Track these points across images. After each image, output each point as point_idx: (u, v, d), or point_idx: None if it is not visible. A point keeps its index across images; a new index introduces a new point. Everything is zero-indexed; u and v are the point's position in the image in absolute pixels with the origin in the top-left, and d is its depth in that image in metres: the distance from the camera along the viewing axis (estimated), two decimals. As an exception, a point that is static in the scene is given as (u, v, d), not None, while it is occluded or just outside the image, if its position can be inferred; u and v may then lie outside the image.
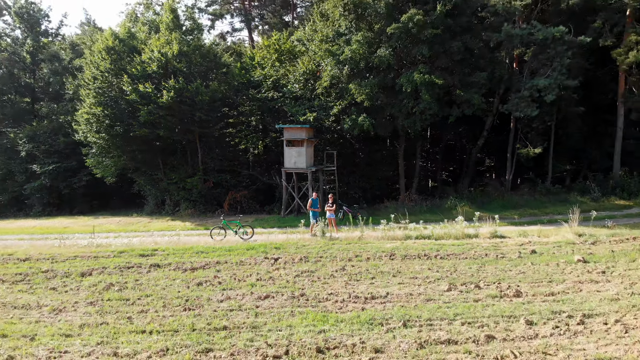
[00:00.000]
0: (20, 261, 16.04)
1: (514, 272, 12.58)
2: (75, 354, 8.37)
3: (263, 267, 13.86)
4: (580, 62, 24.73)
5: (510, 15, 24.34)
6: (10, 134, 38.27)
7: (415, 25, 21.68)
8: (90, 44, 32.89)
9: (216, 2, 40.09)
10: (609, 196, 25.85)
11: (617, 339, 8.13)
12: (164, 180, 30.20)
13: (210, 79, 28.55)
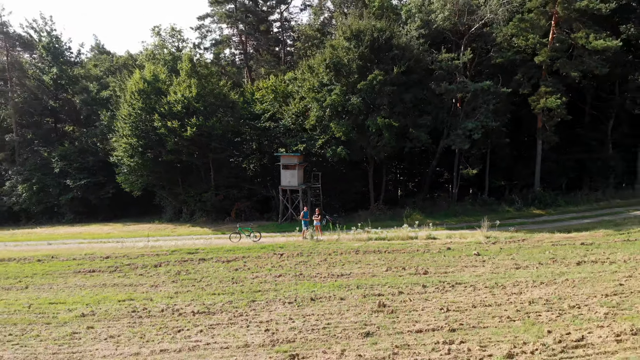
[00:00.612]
0: (104, 259, 23.41)
1: (429, 261, 20.45)
2: (181, 305, 15.93)
3: (274, 260, 21.52)
4: (507, 105, 32.85)
5: (452, 70, 32.32)
6: (44, 152, 45.19)
7: (378, 83, 29.51)
8: (120, 83, 40.02)
9: (220, 42, 47.40)
10: (529, 207, 34.00)
11: (467, 295, 15.93)
12: (182, 194, 37.56)
13: (220, 113, 35.93)
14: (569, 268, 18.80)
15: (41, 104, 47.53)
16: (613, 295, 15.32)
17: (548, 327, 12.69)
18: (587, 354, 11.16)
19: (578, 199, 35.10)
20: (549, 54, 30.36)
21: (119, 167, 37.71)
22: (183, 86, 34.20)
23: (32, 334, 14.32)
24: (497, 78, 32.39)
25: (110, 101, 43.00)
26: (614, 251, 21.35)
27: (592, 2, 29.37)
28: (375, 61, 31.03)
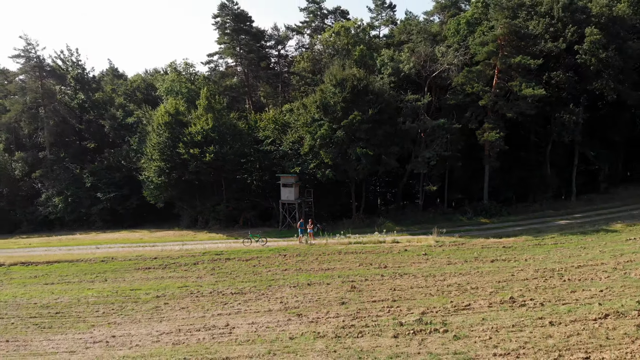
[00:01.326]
0: (153, 259, 31.59)
1: (390, 259, 28.95)
2: (222, 289, 24.21)
3: (280, 259, 29.89)
4: (459, 136, 41.45)
5: (416, 109, 40.89)
6: (76, 169, 53.06)
7: (357, 121, 37.98)
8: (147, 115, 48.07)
9: (227, 75, 55.53)
10: (478, 217, 42.66)
11: (409, 281, 24.39)
12: (198, 205, 45.74)
13: (231, 140, 44.06)
14: (484, 264, 27.42)
15: (71, 127, 55.34)
16: (503, 281, 23.89)
17: (452, 299, 21.20)
18: (468, 313, 19.66)
19: (519, 210, 43.91)
20: (491, 98, 39.05)
21: (145, 184, 45.71)
22: (202, 120, 42.39)
23: (128, 308, 22.59)
24: (452, 115, 41.04)
25: (134, 126, 51.03)
26: (523, 252, 30.04)
27: (524, 59, 38.09)
28: (355, 103, 39.47)
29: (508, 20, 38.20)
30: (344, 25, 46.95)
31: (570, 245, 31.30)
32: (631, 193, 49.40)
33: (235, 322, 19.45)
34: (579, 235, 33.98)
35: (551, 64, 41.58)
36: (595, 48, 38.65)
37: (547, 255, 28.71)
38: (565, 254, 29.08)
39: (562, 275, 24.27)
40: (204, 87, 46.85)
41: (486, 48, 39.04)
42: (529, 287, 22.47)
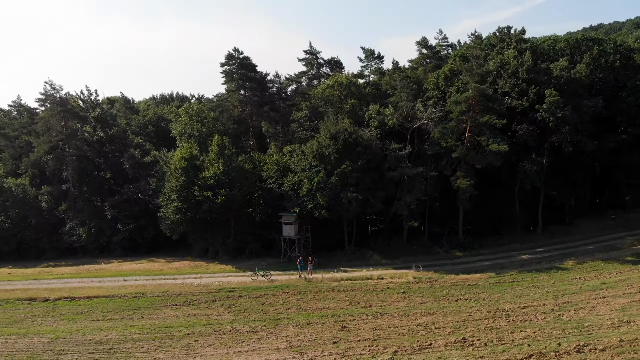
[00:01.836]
0: (177, 295, 37.81)
1: (374, 297, 35.29)
2: (238, 327, 30.53)
3: (283, 296, 36.20)
4: (436, 181, 47.83)
5: (399, 158, 47.25)
6: (97, 202, 59.13)
7: (348, 170, 44.33)
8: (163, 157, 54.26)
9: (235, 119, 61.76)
10: (454, 249, 49.10)
11: (387, 320, 30.73)
12: (209, 238, 51.96)
13: (239, 182, 50.22)
14: (450, 303, 33.85)
15: (92, 162, 61.38)
16: (461, 321, 30.29)
17: (418, 338, 27.59)
18: (428, 352, 26.02)
19: (490, 243, 50.39)
20: (463, 151, 45.50)
21: (162, 219, 51.82)
22: (214, 166, 48.65)
23: (166, 345, 28.84)
24: (430, 162, 47.51)
25: (151, 165, 57.20)
26: (484, 290, 36.47)
27: (490, 118, 44.56)
28: (347, 153, 45.83)
29: (477, 85, 44.64)
30: (337, 80, 53.34)
31: (524, 284, 37.78)
32: (592, 225, 56.00)
33: (252, 359, 25.76)
34: (533, 273, 40.48)
35: (517, 117, 48.07)
36: (553, 108, 45.18)
37: (502, 295, 35.17)
38: (517, 293, 35.54)
39: (508, 316, 30.72)
40: (214, 134, 53.05)
41: (459, 108, 45.50)
42: (480, 327, 28.88)
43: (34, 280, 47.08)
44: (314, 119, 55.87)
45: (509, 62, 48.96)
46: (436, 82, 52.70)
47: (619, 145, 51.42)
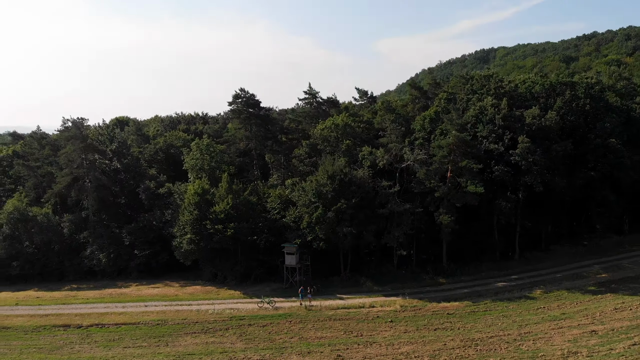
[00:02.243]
0: (194, 323, 43.48)
1: (365, 327, 41.05)
2: (249, 355, 36.26)
3: (287, 325, 41.96)
4: (422, 216, 53.56)
5: (389, 195, 52.99)
6: (115, 229, 64.78)
7: (343, 207, 50.09)
8: (177, 190, 59.97)
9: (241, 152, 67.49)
10: (439, 276, 54.84)
11: (376, 349, 36.45)
12: (219, 264, 57.67)
13: (245, 215, 55.92)
14: (429, 332, 39.59)
15: (110, 191, 67.05)
16: (437, 350, 36.06)
17: (400, 366, 33.33)
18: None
19: (471, 270, 56.08)
20: (444, 191, 51.31)
21: (176, 248, 57.46)
22: (224, 202, 54.41)
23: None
24: (416, 198, 53.32)
25: (166, 196, 62.89)
26: (460, 319, 42.21)
27: (469, 163, 50.37)
28: (342, 192, 51.60)
29: (457, 133, 50.44)
30: (334, 122, 59.13)
31: (495, 313, 43.57)
32: (566, 251, 61.82)
33: (263, 386, 31.52)
34: (505, 302, 46.24)
35: (495, 159, 53.86)
36: (525, 153, 51.01)
37: (475, 324, 40.95)
38: (488, 322, 41.33)
39: (477, 345, 36.53)
40: (224, 170, 58.80)
41: (441, 152, 51.33)
42: (452, 357, 34.69)
43: (62, 305, 52.73)
44: (313, 154, 61.60)
45: (487, 109, 54.76)
46: (422, 124, 58.51)
47: (588, 182, 57.20)
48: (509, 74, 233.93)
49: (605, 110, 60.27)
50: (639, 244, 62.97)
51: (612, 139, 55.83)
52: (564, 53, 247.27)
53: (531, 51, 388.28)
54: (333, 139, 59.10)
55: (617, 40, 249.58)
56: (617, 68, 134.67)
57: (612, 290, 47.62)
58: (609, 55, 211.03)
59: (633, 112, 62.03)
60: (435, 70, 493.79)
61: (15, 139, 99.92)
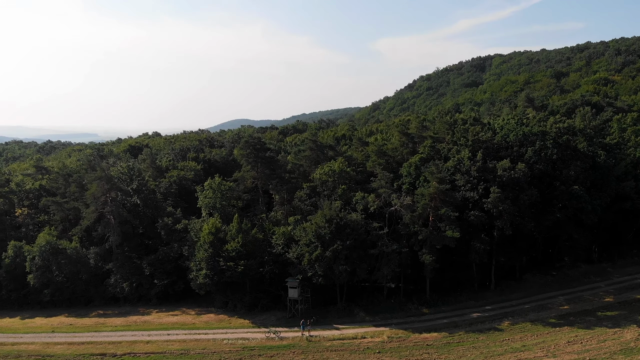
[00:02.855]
0: (212, 353, 51.32)
1: (356, 358, 48.89)
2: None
3: (291, 355, 49.82)
4: (408, 254, 61.42)
5: (379, 236, 60.85)
6: (137, 259, 72.67)
7: (338, 249, 57.99)
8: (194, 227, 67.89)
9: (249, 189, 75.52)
10: (422, 306, 62.70)
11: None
12: (229, 295, 65.54)
13: (253, 251, 63.74)
14: (410, 363, 47.45)
15: (131, 226, 74.90)
16: (415, 379, 43.90)
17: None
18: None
19: (451, 300, 63.96)
20: (426, 234, 59.20)
21: (192, 280, 65.32)
22: (235, 241, 62.32)
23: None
24: (403, 239, 61.19)
25: (182, 232, 70.76)
26: (437, 351, 50.05)
27: (447, 211, 58.26)
28: (338, 234, 59.50)
29: (437, 185, 58.37)
30: (331, 168, 67.06)
31: (467, 344, 51.43)
32: (537, 281, 69.66)
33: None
34: (476, 333, 54.10)
35: (470, 205, 61.78)
36: (496, 201, 58.90)
37: (448, 356, 48.83)
38: (460, 353, 49.19)
39: (447, 376, 44.36)
40: (233, 207, 66.68)
41: (423, 200, 59.26)
42: (425, 386, 42.53)
43: (95, 333, 60.66)
44: (313, 195, 69.51)
45: (464, 162, 62.70)
46: (409, 170, 66.44)
47: (555, 223, 65.08)
48: (501, 88, 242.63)
49: (572, 157, 68.16)
50: (603, 275, 71.02)
51: (575, 186, 63.75)
52: (556, 68, 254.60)
53: (526, 60, 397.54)
54: (330, 183, 67.03)
55: (608, 55, 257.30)
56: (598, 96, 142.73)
57: (569, 323, 55.45)
58: (598, 73, 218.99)
59: (598, 158, 69.72)
60: (432, 77, 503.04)
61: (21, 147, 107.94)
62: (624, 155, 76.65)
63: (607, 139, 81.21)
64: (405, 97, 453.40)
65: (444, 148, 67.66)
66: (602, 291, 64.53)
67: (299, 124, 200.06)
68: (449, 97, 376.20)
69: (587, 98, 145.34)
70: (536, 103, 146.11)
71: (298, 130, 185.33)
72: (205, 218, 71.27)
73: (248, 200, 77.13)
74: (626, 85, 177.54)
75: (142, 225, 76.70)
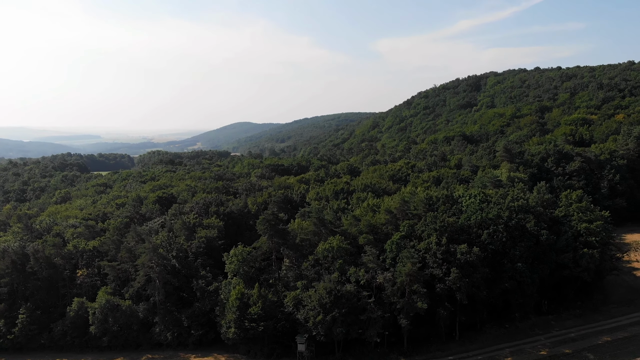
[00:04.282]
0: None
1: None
2: None
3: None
4: (391, 318, 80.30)
5: (366, 305, 79.69)
6: (176, 313, 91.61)
7: (336, 316, 76.89)
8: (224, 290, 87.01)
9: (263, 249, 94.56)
10: (401, 357, 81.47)
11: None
12: (252, 345, 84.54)
13: (271, 311, 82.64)
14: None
15: (172, 285, 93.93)
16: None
17: None
18: None
19: (422, 350, 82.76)
20: (404, 304, 78.00)
21: (222, 333, 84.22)
22: (257, 305, 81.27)
23: None
24: (387, 306, 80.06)
25: (213, 293, 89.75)
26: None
27: (418, 287, 77.07)
28: (337, 303, 78.35)
29: (410, 266, 77.28)
30: (330, 244, 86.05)
31: (429, 392, 70.27)
32: (493, 332, 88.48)
33: None
34: (437, 383, 72.96)
35: (437, 279, 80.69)
36: (456, 279, 77.79)
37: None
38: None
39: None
40: (255, 276, 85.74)
41: (400, 278, 78.19)
42: None
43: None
44: (316, 265, 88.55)
45: (432, 245, 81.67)
46: (391, 247, 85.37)
47: (504, 291, 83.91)
48: (490, 121, 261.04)
49: (520, 237, 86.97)
50: (546, 327, 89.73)
51: (519, 264, 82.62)
52: (542, 102, 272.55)
53: (518, 82, 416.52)
54: (330, 258, 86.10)
55: (591, 88, 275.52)
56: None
57: (508, 374, 74.33)
58: (579, 109, 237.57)
59: (541, 237, 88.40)
60: (429, 94, 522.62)
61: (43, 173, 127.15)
62: (568, 228, 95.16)
63: (557, 211, 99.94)
64: (403, 115, 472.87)
65: (419, 229, 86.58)
66: (540, 344, 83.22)
67: (302, 160, 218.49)
68: (443, 119, 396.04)
69: (559, 147, 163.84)
70: (514, 150, 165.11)
71: (302, 167, 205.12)
72: (231, 280, 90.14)
73: (264, 264, 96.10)
74: (600, 128, 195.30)
75: (179, 282, 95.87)
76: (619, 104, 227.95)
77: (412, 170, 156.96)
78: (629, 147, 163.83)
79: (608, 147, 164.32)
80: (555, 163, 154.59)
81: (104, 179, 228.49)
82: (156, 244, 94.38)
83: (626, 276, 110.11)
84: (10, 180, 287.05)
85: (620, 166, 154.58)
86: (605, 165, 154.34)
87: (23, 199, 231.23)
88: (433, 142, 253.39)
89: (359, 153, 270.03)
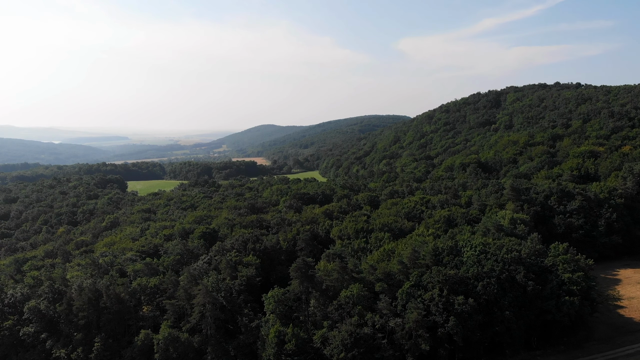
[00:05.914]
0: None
1: None
2: None
3: None
4: (401, 356, 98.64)
5: (380, 345, 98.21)
6: (224, 344, 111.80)
7: (356, 355, 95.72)
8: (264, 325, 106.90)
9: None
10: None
11: None
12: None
13: (301, 348, 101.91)
14: None
15: (220, 320, 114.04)
16: None
17: None
18: None
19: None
20: (410, 345, 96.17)
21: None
22: (290, 343, 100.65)
23: None
24: (396, 346, 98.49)
25: (256, 328, 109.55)
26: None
27: (422, 332, 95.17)
28: (355, 344, 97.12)
29: (416, 315, 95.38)
30: (351, 292, 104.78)
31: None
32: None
33: None
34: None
35: (439, 325, 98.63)
36: (453, 326, 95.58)
37: None
38: None
39: None
40: (289, 318, 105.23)
41: (408, 324, 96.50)
42: None
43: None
44: (339, 309, 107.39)
45: (435, 297, 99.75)
46: (402, 295, 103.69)
47: (495, 333, 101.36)
48: (504, 148, 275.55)
49: (509, 288, 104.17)
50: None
51: (507, 312, 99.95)
52: (556, 129, 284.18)
53: (537, 101, 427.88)
54: (351, 304, 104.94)
55: (603, 115, 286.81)
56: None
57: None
58: (588, 139, 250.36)
59: (528, 287, 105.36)
60: (450, 108, 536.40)
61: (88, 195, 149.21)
62: (554, 277, 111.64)
63: (546, 260, 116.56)
64: (424, 131, 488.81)
65: (425, 279, 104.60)
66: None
67: (327, 189, 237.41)
68: (462, 137, 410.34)
69: (562, 186, 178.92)
70: (521, 187, 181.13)
71: (326, 195, 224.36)
72: (269, 318, 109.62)
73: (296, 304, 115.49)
74: (605, 163, 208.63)
75: (226, 317, 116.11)
76: (627, 135, 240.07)
77: (426, 207, 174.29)
78: (627, 185, 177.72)
79: (608, 185, 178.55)
80: (558, 201, 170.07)
81: (147, 204, 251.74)
82: (207, 285, 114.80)
83: (611, 314, 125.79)
84: (58, 200, 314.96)
85: (618, 205, 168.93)
86: (604, 204, 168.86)
87: (74, 221, 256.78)
88: (449, 168, 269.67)
89: (380, 177, 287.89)
